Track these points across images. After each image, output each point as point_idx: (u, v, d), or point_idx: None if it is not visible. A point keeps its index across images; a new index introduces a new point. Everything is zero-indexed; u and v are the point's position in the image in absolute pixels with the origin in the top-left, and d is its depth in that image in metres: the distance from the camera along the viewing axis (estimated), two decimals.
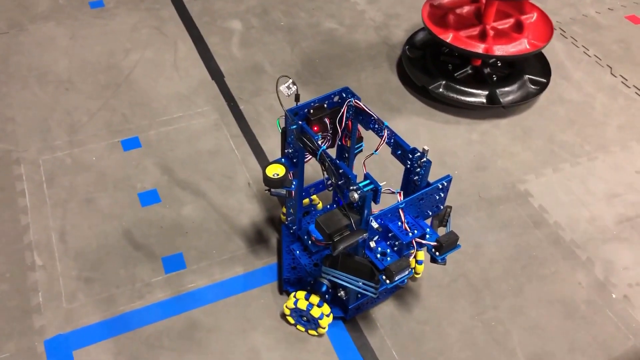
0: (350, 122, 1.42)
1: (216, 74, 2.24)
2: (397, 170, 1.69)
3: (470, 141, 2.03)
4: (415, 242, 1.26)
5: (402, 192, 1.28)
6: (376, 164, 1.87)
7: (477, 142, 2.03)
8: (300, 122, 1.32)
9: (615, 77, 2.31)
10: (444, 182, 1.28)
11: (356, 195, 1.19)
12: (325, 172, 1.28)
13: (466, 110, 2.13)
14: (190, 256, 1.65)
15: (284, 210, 1.67)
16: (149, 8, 2.53)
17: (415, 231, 1.25)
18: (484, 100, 2.10)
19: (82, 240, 1.67)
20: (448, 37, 2.05)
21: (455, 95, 2.11)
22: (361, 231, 1.20)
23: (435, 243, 1.27)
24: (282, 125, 1.38)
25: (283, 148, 1.41)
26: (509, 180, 1.90)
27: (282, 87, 1.34)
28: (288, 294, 1.55)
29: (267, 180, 1.33)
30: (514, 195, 1.85)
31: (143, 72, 2.23)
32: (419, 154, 1.26)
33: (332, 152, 1.50)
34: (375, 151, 1.34)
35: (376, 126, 1.35)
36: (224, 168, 1.89)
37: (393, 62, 2.34)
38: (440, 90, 2.12)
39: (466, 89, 2.11)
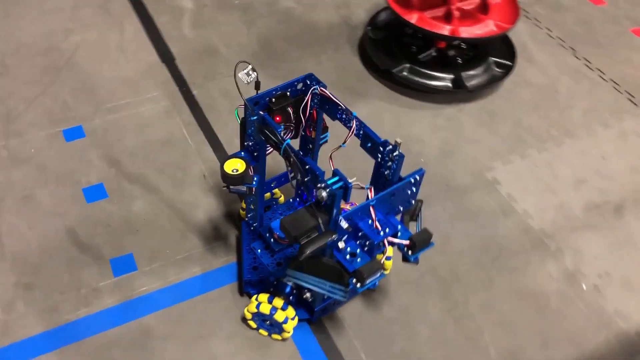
0: (315, 112, 1.31)
1: (166, 56, 2.09)
2: (363, 160, 1.61)
3: (436, 127, 1.96)
4: (387, 241, 1.18)
5: (372, 188, 1.19)
6: (341, 153, 1.77)
7: (443, 128, 1.95)
8: (261, 113, 1.21)
9: (579, 59, 2.27)
10: (416, 177, 1.19)
11: (324, 194, 1.09)
12: (289, 167, 1.17)
13: (431, 94, 2.05)
14: (141, 257, 1.52)
15: (244, 205, 1.56)
16: None
17: (387, 230, 1.17)
18: (449, 84, 2.03)
19: (21, 242, 1.52)
20: (413, 18, 1.96)
21: (419, 79, 2.03)
22: (330, 233, 1.11)
23: (407, 242, 1.19)
24: (241, 115, 1.26)
25: (242, 140, 1.29)
26: (476, 168, 1.84)
27: (241, 74, 1.23)
28: (249, 296, 1.45)
29: (226, 177, 1.22)
30: (481, 183, 1.79)
31: (86, 55, 2.05)
32: (390, 147, 1.17)
33: (295, 144, 1.41)
34: (343, 144, 1.25)
35: (344, 116, 1.25)
36: (177, 159, 1.76)
37: (354, 43, 2.24)
38: (405, 73, 2.03)
39: (431, 73, 2.03)
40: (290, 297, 1.37)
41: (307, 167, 1.12)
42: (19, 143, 1.75)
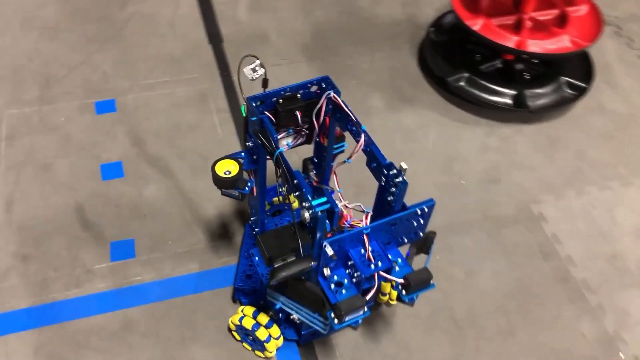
0: (328, 118, 1.19)
1: (215, 38, 2.02)
2: None
3: (486, 147, 1.77)
4: (379, 275, 1.04)
5: (370, 214, 1.06)
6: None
7: (493, 149, 1.76)
8: (263, 114, 1.10)
9: None
10: (424, 207, 1.05)
11: (307, 215, 0.97)
12: (278, 178, 1.06)
13: (487, 110, 1.85)
14: (142, 244, 1.47)
15: None
16: None
17: (380, 263, 1.03)
18: (510, 101, 1.83)
19: (30, 211, 1.51)
20: (476, 24, 1.77)
21: (477, 92, 1.84)
22: (308, 259, 0.99)
23: (401, 280, 1.05)
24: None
25: (244, 140, 1.19)
26: (523, 199, 1.64)
27: (246, 69, 1.12)
28: (242, 304, 1.36)
29: (217, 179, 1.12)
30: (524, 218, 1.60)
31: (136, 28, 2.02)
32: (394, 171, 1.03)
33: (309, 149, 1.29)
34: (349, 159, 1.12)
35: (354, 128, 1.12)
36: (201, 146, 1.69)
37: (415, 44, 2.07)
38: (461, 84, 1.85)
39: (491, 86, 1.84)
40: (280, 315, 1.27)
41: (295, 181, 1.01)
42: (51, 110, 1.74)
